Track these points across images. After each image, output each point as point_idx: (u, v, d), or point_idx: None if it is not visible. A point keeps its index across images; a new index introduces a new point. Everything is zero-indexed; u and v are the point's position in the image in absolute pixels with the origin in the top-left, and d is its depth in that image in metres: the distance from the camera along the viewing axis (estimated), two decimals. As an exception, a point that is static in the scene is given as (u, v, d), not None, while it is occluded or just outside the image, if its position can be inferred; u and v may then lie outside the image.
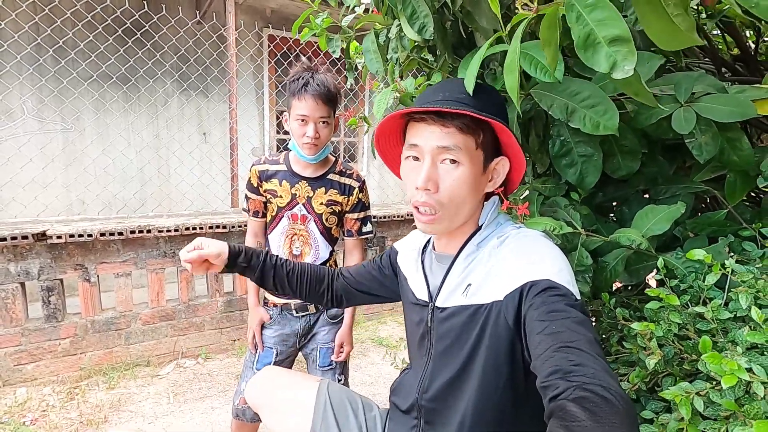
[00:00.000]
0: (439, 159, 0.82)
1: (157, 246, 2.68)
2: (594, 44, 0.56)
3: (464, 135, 0.80)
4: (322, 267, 1.22)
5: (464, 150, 0.80)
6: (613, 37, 0.55)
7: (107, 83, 3.84)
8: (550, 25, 0.59)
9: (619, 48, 0.55)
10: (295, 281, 1.16)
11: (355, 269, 1.20)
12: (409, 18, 1.01)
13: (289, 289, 1.17)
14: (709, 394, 0.64)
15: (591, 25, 0.56)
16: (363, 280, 1.17)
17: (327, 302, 1.20)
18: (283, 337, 1.63)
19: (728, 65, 1.25)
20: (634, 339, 0.82)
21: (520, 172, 0.90)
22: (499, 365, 0.79)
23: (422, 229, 0.87)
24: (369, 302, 1.22)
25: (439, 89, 0.86)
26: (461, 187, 0.82)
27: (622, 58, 0.55)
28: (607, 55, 0.56)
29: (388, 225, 3.55)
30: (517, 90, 0.65)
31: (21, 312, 2.38)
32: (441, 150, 0.80)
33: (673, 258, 0.90)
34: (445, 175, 0.81)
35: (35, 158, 3.56)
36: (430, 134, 0.81)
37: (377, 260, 1.17)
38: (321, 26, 1.39)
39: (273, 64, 4.71)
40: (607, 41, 0.55)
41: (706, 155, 0.88)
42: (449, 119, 0.79)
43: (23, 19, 3.36)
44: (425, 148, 0.82)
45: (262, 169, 1.59)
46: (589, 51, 0.57)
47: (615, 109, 0.82)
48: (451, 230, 0.88)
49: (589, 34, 0.56)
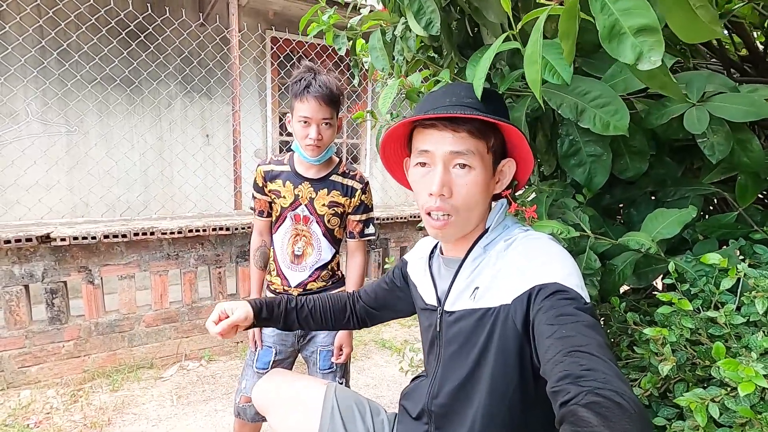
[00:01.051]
0: (451, 164, 0.81)
1: (161, 248, 2.68)
2: (619, 34, 0.55)
3: (476, 139, 0.80)
4: (340, 295, 1.23)
5: (476, 154, 0.80)
6: (640, 27, 0.53)
7: (111, 86, 3.85)
8: (570, 16, 0.58)
9: (646, 38, 0.53)
10: (319, 317, 1.17)
11: (371, 288, 1.21)
12: (416, 14, 1.00)
13: (315, 326, 1.18)
14: (724, 401, 0.62)
15: (616, 14, 0.54)
16: (379, 298, 1.18)
17: (353, 326, 1.22)
18: (281, 336, 1.63)
19: (736, 66, 1.24)
20: (645, 344, 0.81)
21: (527, 172, 0.89)
22: (508, 369, 0.78)
23: (434, 235, 0.86)
24: (390, 318, 1.22)
25: (444, 94, 0.85)
26: (474, 192, 0.81)
27: (649, 48, 0.53)
28: (632, 45, 0.54)
29: (391, 227, 3.54)
30: (539, 82, 0.63)
31: (25, 314, 2.38)
32: (453, 155, 0.80)
33: (683, 262, 0.88)
34: (458, 180, 0.81)
35: (39, 161, 3.56)
36: (441, 140, 0.80)
37: (389, 275, 1.18)
38: (328, 23, 1.39)
39: (276, 66, 4.71)
40: (633, 31, 0.54)
41: (718, 155, 0.87)
42: (461, 124, 0.79)
43: (27, 22, 3.37)
44: (437, 154, 0.81)
45: (267, 170, 1.60)
46: (614, 42, 0.55)
47: (626, 109, 0.81)
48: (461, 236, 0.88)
49: (614, 25, 0.54)
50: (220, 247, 2.84)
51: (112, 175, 3.95)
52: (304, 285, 1.61)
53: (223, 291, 2.88)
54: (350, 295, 1.22)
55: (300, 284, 1.61)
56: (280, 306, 1.14)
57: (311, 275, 1.61)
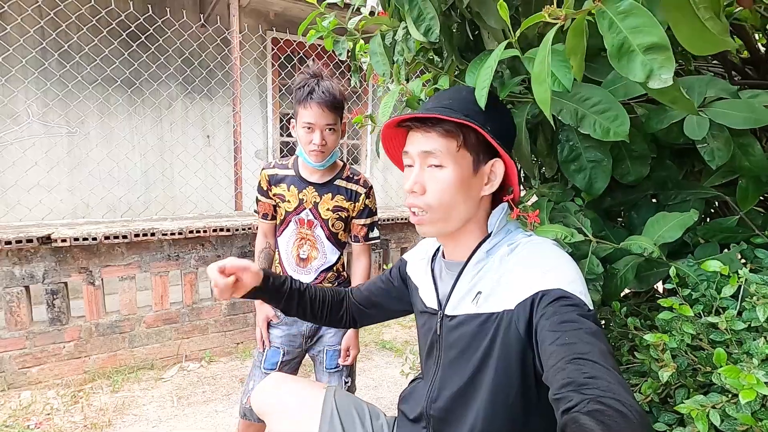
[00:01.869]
0: (426, 164, 0.85)
1: (161, 249, 2.68)
2: (628, 52, 0.55)
3: (445, 138, 0.83)
4: (339, 290, 1.22)
5: (446, 153, 0.83)
6: (649, 45, 0.53)
7: (112, 87, 3.85)
8: (577, 33, 0.58)
9: (655, 56, 0.53)
10: (317, 307, 1.17)
11: (366, 287, 1.21)
12: (416, 20, 1.00)
13: (310, 315, 1.17)
14: (725, 408, 0.62)
15: (625, 32, 0.54)
16: (373, 296, 1.18)
17: (345, 324, 1.21)
18: (290, 337, 1.64)
19: (738, 68, 1.24)
20: (645, 349, 0.81)
21: (512, 173, 0.89)
22: (510, 374, 0.78)
23: (417, 230, 0.91)
24: (382, 319, 1.21)
25: (433, 98, 0.90)
26: (447, 190, 0.84)
27: (659, 66, 0.53)
28: (642, 63, 0.54)
29: (391, 227, 3.54)
30: (549, 102, 0.63)
31: (26, 315, 2.38)
32: (425, 154, 0.84)
33: (685, 266, 0.88)
34: (429, 179, 0.85)
35: (40, 162, 3.57)
36: (417, 140, 0.86)
37: (386, 274, 1.17)
38: (327, 28, 1.39)
39: (277, 67, 4.71)
40: (642, 49, 0.54)
41: (718, 161, 0.87)
42: (430, 125, 0.83)
43: (29, 24, 3.38)
44: (413, 154, 0.86)
45: (271, 173, 1.61)
46: (624, 60, 0.55)
47: (626, 115, 0.81)
48: (450, 232, 0.89)
49: (623, 43, 0.54)
50: (220, 248, 2.84)
51: (113, 176, 3.95)
52: None
53: (224, 292, 2.87)
54: (347, 291, 1.22)
55: None
56: (285, 284, 1.13)
57: (317, 277, 1.63)
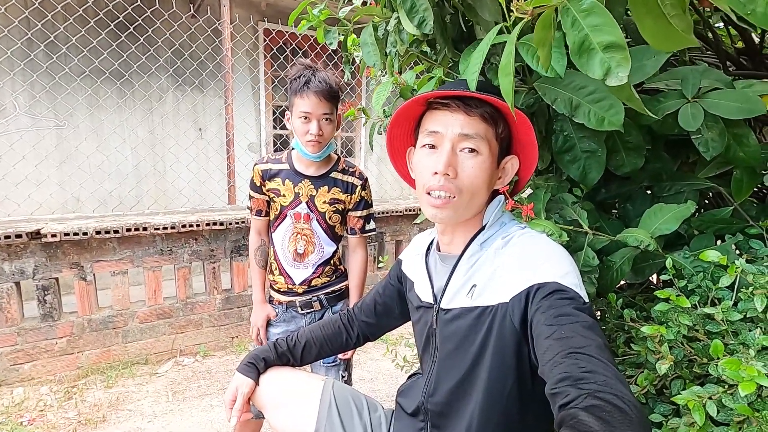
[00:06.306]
0: (459, 147, 0.81)
1: (154, 243, 2.65)
2: (589, 50, 0.56)
3: (487, 124, 0.80)
4: (332, 319, 1.21)
5: (485, 140, 0.80)
6: (608, 44, 0.54)
7: (100, 79, 3.78)
8: (545, 26, 0.59)
9: (613, 54, 0.54)
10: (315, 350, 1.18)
11: (364, 303, 1.20)
12: (408, 11, 0.98)
13: (313, 358, 1.19)
14: (721, 398, 0.62)
15: (586, 30, 0.55)
16: (377, 306, 1.17)
17: (354, 345, 1.21)
18: (286, 333, 1.62)
19: (732, 59, 1.23)
20: (642, 341, 0.81)
21: (530, 170, 0.89)
22: (506, 367, 0.78)
23: (431, 215, 0.84)
24: (393, 326, 1.21)
25: (459, 83, 0.86)
26: (479, 176, 0.81)
27: (616, 65, 0.54)
28: (601, 61, 0.55)
29: (386, 220, 3.53)
30: (512, 93, 0.64)
31: (16, 311, 2.35)
32: (463, 137, 0.80)
33: (681, 257, 0.88)
34: (464, 162, 0.81)
35: (28, 155, 3.51)
36: (453, 121, 0.81)
37: (386, 279, 1.17)
38: (318, 18, 1.36)
39: (269, 58, 4.65)
40: (601, 47, 0.55)
41: (712, 152, 0.86)
42: (474, 107, 0.79)
43: (13, 14, 3.30)
44: (447, 135, 0.81)
45: (264, 168, 1.59)
46: (584, 57, 0.57)
47: (620, 105, 0.80)
48: (457, 222, 0.87)
49: (584, 40, 0.56)
50: (214, 242, 2.82)
51: (103, 170, 3.89)
52: (309, 282, 1.62)
53: (218, 286, 2.86)
54: (343, 316, 1.21)
55: (304, 281, 1.61)
56: (272, 352, 1.14)
57: (314, 272, 1.62)
